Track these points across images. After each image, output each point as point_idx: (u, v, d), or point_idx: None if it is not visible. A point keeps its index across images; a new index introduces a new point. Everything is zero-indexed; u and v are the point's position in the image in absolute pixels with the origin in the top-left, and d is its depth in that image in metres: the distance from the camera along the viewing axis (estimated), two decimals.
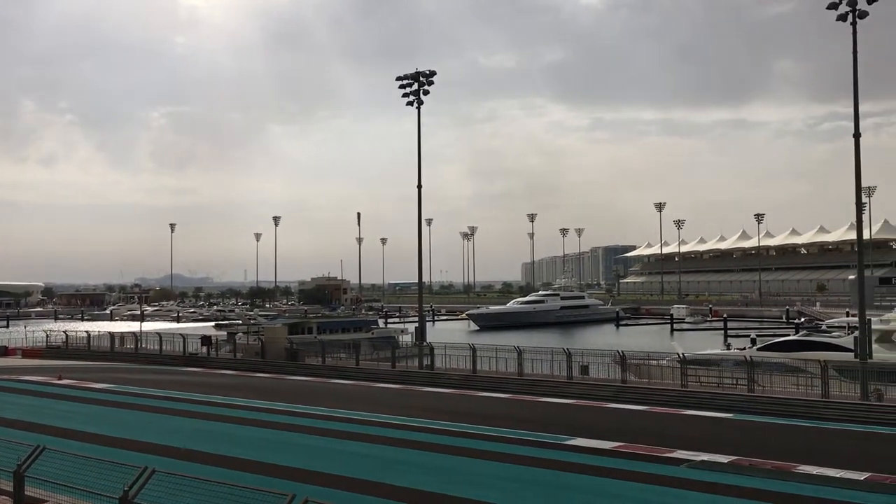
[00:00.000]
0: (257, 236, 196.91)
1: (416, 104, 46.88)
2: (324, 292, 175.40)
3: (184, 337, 55.83)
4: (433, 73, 46.56)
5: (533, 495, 17.72)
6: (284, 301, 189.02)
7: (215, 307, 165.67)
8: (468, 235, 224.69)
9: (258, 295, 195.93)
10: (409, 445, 23.25)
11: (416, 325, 50.81)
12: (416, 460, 21.35)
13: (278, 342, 52.81)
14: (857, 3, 32.49)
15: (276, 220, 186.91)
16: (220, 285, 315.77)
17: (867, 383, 31.39)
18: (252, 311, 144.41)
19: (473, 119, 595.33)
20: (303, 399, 34.03)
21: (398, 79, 47.21)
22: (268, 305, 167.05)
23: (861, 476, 19.00)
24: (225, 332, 67.97)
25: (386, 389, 39.29)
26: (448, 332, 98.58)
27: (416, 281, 52.92)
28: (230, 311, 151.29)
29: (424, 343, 46.28)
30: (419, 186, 48.36)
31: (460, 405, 33.45)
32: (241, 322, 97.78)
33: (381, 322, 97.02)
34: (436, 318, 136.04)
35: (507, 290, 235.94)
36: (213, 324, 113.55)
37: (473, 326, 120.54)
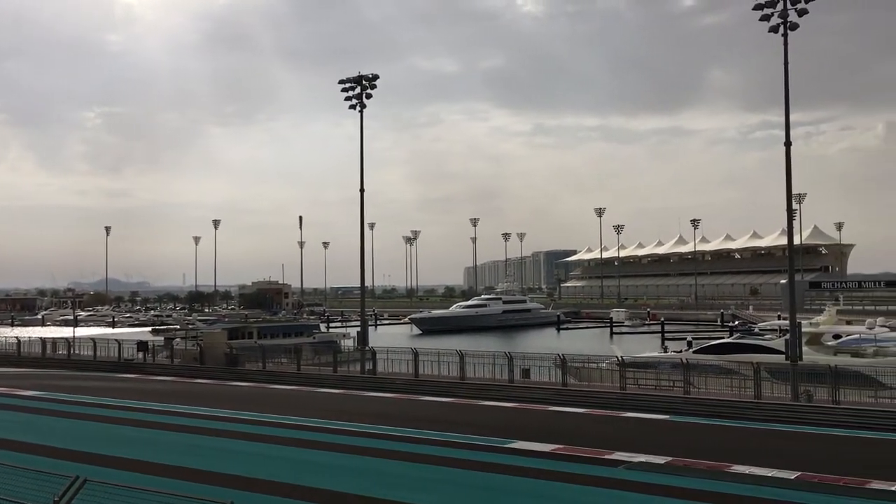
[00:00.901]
0: (196, 239, 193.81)
1: (358, 108, 46.66)
2: (265, 296, 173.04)
3: (119, 342, 54.50)
4: (376, 77, 46.39)
5: (472, 499, 17.81)
6: (224, 305, 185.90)
7: (152, 312, 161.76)
8: (411, 239, 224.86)
9: (197, 299, 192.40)
10: (349, 450, 23.10)
11: (359, 329, 50.51)
12: (356, 465, 21.21)
13: (217, 347, 51.97)
14: (788, 16, 33.50)
15: (216, 223, 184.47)
16: (158, 289, 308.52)
17: (797, 385, 32.37)
18: (191, 315, 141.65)
19: (416, 123, 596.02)
20: (242, 405, 33.51)
21: (341, 82, 46.89)
22: (207, 310, 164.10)
23: (792, 475, 19.53)
24: (162, 338, 66.57)
25: (327, 394, 38.98)
26: (391, 337, 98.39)
27: (359, 285, 52.65)
28: (168, 315, 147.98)
29: (366, 347, 46.05)
30: (361, 190, 48.16)
31: (402, 409, 33.37)
32: (178, 327, 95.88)
33: (322, 326, 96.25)
34: (378, 322, 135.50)
35: (450, 295, 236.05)
36: (149, 329, 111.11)
37: (416, 330, 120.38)
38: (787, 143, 34.78)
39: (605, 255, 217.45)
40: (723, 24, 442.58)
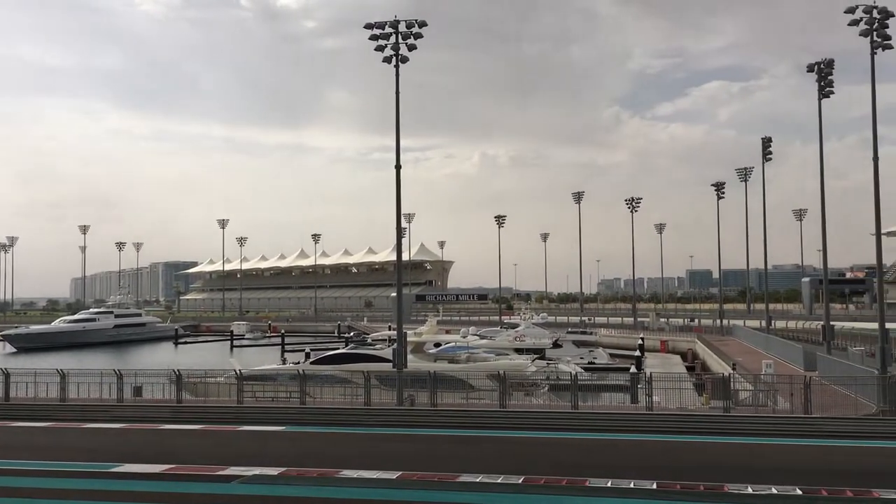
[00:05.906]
0: None
1: None
2: None
3: None
4: None
5: None
6: None
7: None
8: (6, 247, 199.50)
9: None
10: None
11: None
12: None
13: None
14: (399, 49, 36.44)
15: None
16: None
17: (403, 390, 35.04)
18: None
19: (18, 118, 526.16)
20: None
21: None
22: None
23: (394, 475, 21.13)
24: None
25: None
26: None
27: None
28: None
29: None
30: None
31: None
32: None
33: None
34: None
35: (54, 308, 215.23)
36: None
37: (10, 349, 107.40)
38: (398, 166, 37.68)
39: (228, 267, 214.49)
40: (343, 49, 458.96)
